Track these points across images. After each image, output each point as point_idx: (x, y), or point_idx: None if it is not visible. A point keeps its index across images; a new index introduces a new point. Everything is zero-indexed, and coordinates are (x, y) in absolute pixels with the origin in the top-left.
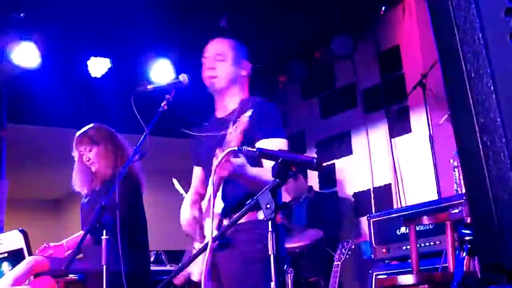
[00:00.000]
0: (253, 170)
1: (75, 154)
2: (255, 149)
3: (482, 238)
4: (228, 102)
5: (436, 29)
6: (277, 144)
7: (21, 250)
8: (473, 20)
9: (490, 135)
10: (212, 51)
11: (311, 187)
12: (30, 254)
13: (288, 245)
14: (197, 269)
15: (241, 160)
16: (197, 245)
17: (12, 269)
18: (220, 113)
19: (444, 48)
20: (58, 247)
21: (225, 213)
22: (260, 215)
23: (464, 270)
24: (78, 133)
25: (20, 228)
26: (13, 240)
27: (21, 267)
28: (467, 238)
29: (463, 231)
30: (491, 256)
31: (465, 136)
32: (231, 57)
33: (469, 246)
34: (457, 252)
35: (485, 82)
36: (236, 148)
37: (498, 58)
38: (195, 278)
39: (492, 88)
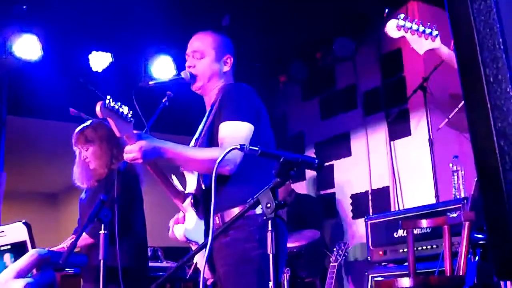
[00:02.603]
0: (180, 149)
1: (76, 150)
2: (257, 148)
3: (497, 245)
4: (212, 96)
5: (455, 33)
6: (238, 127)
7: (24, 242)
8: (494, 24)
9: (508, 140)
10: (191, 48)
11: (292, 189)
12: (33, 246)
13: None
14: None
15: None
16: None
17: (15, 261)
18: (207, 107)
19: (463, 52)
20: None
21: (217, 210)
22: (258, 209)
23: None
24: (75, 131)
25: (24, 221)
26: (16, 232)
27: (24, 259)
28: (480, 242)
29: (475, 235)
30: (506, 263)
31: (482, 141)
32: (211, 54)
33: (481, 250)
34: (469, 256)
35: (504, 87)
36: (238, 146)
37: None
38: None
39: (511, 93)
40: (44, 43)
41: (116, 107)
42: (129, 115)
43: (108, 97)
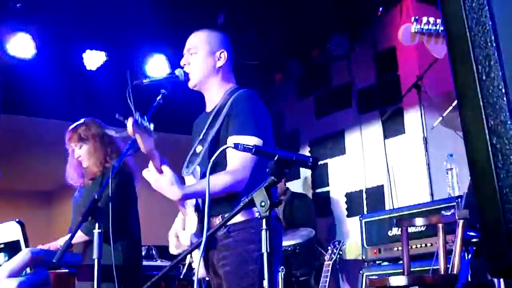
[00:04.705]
0: (197, 187)
1: (69, 148)
2: (251, 146)
3: (490, 243)
4: (213, 95)
5: (448, 31)
6: (246, 142)
7: (17, 241)
8: (486, 22)
9: (500, 138)
10: (186, 46)
11: (287, 188)
12: (26, 245)
13: None
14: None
15: (166, 180)
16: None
17: (8, 260)
18: (208, 107)
19: (455, 50)
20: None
21: (213, 211)
22: (256, 212)
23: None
24: (69, 129)
25: (17, 219)
26: (10, 231)
27: (18, 259)
28: (473, 240)
29: (468, 233)
30: (499, 262)
31: (475, 139)
32: (204, 49)
33: (474, 248)
34: (462, 254)
35: (496, 84)
36: (232, 145)
37: (510, 61)
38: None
39: (503, 90)
40: (38, 41)
41: (145, 123)
42: (151, 128)
43: (137, 113)
